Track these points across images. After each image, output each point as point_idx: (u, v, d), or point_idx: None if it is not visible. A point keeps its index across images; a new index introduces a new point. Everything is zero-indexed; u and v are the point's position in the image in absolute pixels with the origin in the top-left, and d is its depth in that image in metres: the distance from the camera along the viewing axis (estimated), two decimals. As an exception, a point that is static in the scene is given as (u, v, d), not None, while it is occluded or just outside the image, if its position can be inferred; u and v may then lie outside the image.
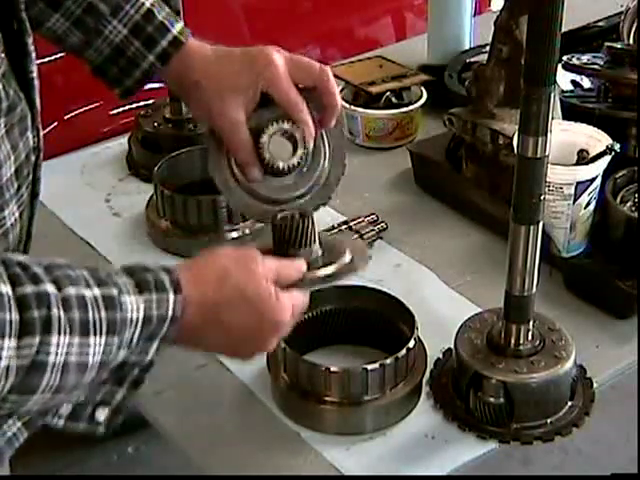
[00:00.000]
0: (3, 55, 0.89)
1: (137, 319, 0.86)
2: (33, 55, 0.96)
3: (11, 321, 0.78)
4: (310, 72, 1.11)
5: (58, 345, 0.80)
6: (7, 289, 0.78)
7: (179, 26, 1.15)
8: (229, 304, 0.93)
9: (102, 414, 0.94)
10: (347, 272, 1.06)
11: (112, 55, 1.15)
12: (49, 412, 0.93)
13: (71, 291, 0.82)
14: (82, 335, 0.82)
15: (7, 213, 0.93)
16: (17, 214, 0.95)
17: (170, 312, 0.89)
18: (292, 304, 0.98)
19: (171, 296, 0.89)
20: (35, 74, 0.96)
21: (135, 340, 0.87)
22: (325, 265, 1.04)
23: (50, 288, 0.81)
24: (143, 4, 1.14)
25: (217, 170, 1.11)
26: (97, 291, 0.84)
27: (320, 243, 1.06)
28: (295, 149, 1.08)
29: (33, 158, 0.97)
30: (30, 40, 0.96)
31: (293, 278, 1.00)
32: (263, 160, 1.08)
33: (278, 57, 1.09)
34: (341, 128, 1.14)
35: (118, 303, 0.85)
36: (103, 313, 0.84)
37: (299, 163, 1.09)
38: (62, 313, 0.81)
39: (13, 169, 0.93)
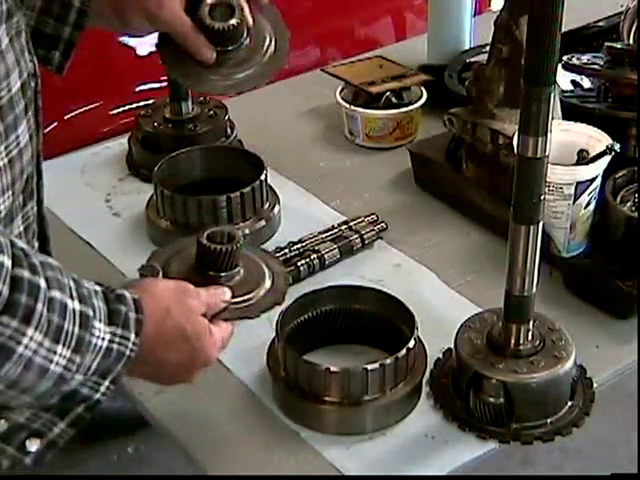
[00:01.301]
0: None
1: (100, 347, 0.87)
2: None
3: (0, 292, 0.79)
4: None
5: (31, 339, 0.81)
6: (8, 263, 0.80)
7: None
8: (168, 343, 0.96)
9: (34, 444, 0.95)
10: (267, 303, 1.11)
11: (44, 5, 1.16)
12: None
13: (57, 295, 0.83)
14: (53, 340, 0.83)
15: (20, 131, 0.94)
16: (27, 136, 0.96)
17: (128, 352, 0.90)
18: (222, 337, 1.02)
19: (132, 336, 0.90)
20: None
21: (92, 369, 0.88)
22: (247, 292, 1.09)
23: (42, 283, 0.82)
24: None
25: (177, 69, 1.20)
26: (77, 305, 0.85)
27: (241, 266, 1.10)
28: (233, 14, 1.17)
29: (33, 84, 0.98)
30: None
31: (220, 307, 1.03)
32: (207, 31, 1.17)
33: None
34: (273, 7, 1.25)
35: (90, 326, 0.86)
36: (77, 329, 0.85)
37: (238, 24, 1.17)
38: (45, 311, 0.82)
39: (19, 83, 0.93)
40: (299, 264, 1.32)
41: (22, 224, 1.01)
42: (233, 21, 1.18)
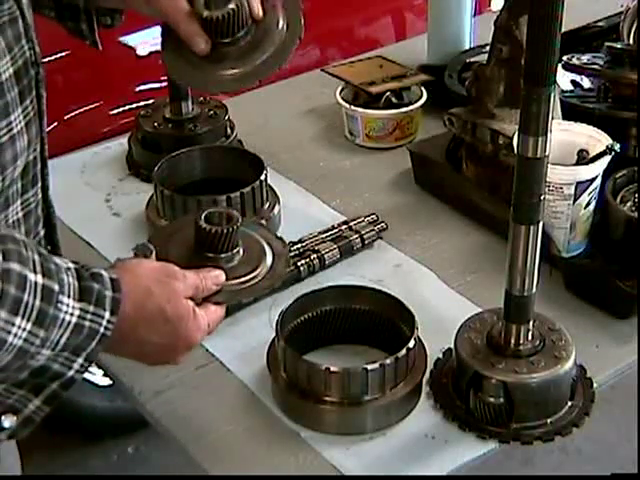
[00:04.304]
0: None
1: (69, 323, 0.87)
2: None
3: None
4: None
5: None
6: None
7: None
8: (148, 323, 0.96)
9: (8, 421, 0.94)
10: (268, 282, 1.09)
11: None
12: None
13: (15, 267, 0.83)
14: (10, 312, 0.83)
15: (13, 118, 0.94)
16: (23, 123, 0.96)
17: (102, 329, 0.90)
18: (208, 322, 1.01)
19: (107, 315, 0.90)
20: None
21: (61, 344, 0.88)
22: (246, 274, 1.07)
23: None
24: None
25: (178, 67, 1.17)
26: (40, 279, 0.85)
27: (240, 246, 1.08)
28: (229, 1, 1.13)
29: (33, 72, 0.98)
30: None
31: (212, 290, 1.02)
32: (203, 21, 1.13)
33: None
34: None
35: (56, 300, 0.86)
36: (38, 302, 0.85)
37: (234, 12, 1.13)
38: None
39: (12, 70, 0.94)
40: (299, 264, 1.32)
41: (21, 210, 1.01)
42: (231, 6, 1.13)
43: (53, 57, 1.98)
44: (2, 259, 0.83)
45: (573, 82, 1.58)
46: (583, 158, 1.28)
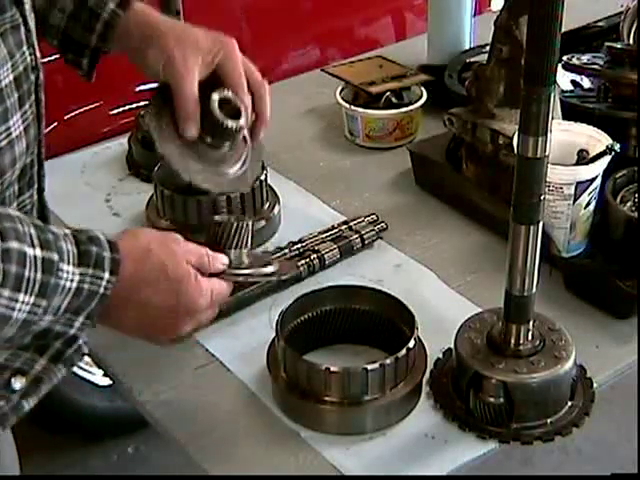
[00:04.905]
0: None
1: (69, 289, 0.89)
2: None
3: None
4: (253, 77, 1.16)
5: None
6: None
7: None
8: (148, 281, 0.96)
9: (18, 382, 0.97)
10: (267, 278, 1.12)
11: (74, 10, 1.16)
12: None
13: (14, 245, 0.84)
14: (13, 290, 0.84)
15: (12, 123, 0.95)
16: (22, 127, 0.97)
17: (102, 290, 0.91)
18: (211, 289, 1.00)
19: (106, 275, 0.91)
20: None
21: (63, 308, 0.90)
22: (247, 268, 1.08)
23: None
24: None
25: (157, 127, 1.13)
26: (39, 252, 0.86)
27: (248, 255, 1.09)
28: (238, 117, 1.13)
29: (33, 77, 0.99)
30: None
31: (216, 268, 1.02)
32: (209, 119, 1.12)
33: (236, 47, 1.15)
34: (263, 146, 1.23)
35: (56, 269, 0.87)
36: (39, 275, 0.86)
37: (241, 128, 1.13)
38: (0, 263, 0.83)
39: (12, 77, 0.94)
40: (299, 264, 1.32)
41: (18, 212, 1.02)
42: (241, 122, 1.13)
43: (53, 57, 1.97)
44: (1, 241, 0.84)
45: (573, 82, 1.58)
46: (583, 158, 1.28)
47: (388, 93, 1.64)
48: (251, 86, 1.15)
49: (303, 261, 1.33)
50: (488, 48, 1.44)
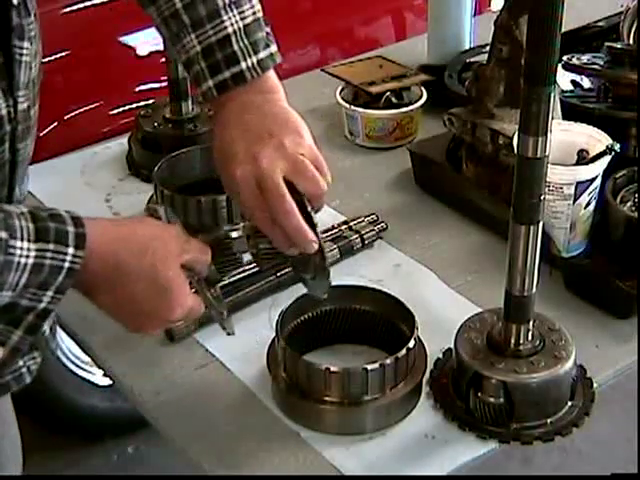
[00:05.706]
0: None
1: (25, 265, 0.89)
2: (26, 33, 0.98)
3: None
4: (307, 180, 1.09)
5: None
6: None
7: (251, 61, 1.11)
8: (138, 277, 0.96)
9: None
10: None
11: (186, 64, 1.14)
12: None
13: None
14: None
15: None
16: None
17: (67, 264, 0.91)
18: (191, 304, 1.01)
19: (70, 250, 0.91)
20: (24, 51, 0.98)
21: (22, 284, 0.90)
22: None
23: None
24: (225, 28, 1.11)
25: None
26: None
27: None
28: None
29: (8, 128, 0.99)
30: (16, 15, 0.96)
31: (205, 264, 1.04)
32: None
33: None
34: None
35: (5, 246, 0.87)
36: None
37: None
38: None
39: None
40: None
41: None
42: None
43: (53, 57, 1.98)
44: None
45: (573, 82, 1.58)
46: (583, 158, 1.28)
47: (388, 93, 1.64)
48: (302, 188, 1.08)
49: (303, 261, 1.33)
50: (488, 48, 1.44)
